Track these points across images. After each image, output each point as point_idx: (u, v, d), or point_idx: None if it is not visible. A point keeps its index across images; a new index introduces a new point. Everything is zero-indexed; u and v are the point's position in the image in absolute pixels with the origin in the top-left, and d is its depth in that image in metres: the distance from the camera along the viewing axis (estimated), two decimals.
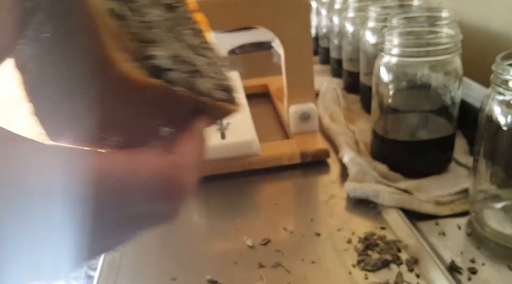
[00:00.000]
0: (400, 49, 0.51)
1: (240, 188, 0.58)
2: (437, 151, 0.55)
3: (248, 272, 0.44)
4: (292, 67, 0.64)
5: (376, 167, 0.56)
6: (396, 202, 0.50)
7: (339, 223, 0.50)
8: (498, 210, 0.46)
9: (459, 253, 0.44)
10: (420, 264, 0.43)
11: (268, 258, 0.45)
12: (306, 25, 0.61)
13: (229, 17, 0.60)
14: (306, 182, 0.59)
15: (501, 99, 0.41)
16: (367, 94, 0.72)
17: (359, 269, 0.43)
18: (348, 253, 0.45)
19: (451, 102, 0.52)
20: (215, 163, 0.60)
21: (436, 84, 0.52)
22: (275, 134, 0.71)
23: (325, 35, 0.99)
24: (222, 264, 0.45)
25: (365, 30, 0.69)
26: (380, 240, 0.46)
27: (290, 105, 0.66)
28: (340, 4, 0.86)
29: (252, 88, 0.87)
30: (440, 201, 0.50)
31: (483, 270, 0.41)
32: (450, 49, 0.50)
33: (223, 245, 0.48)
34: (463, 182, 0.53)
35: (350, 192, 0.53)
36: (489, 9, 0.68)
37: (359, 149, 0.62)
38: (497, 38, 0.67)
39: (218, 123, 0.61)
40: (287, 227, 0.50)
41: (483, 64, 0.68)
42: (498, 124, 0.42)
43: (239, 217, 0.52)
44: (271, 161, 0.61)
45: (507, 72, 0.40)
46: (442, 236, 0.46)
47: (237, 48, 1.32)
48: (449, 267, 0.42)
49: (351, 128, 0.68)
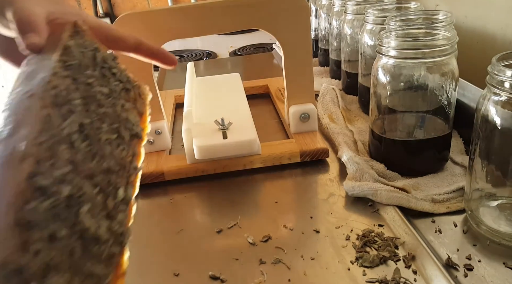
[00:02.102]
0: (397, 51, 0.51)
1: (241, 186, 0.59)
2: (433, 150, 0.55)
3: (249, 268, 0.44)
4: (292, 68, 0.64)
5: (374, 165, 0.56)
6: (393, 200, 0.50)
7: (338, 220, 0.50)
8: (494, 208, 0.47)
9: (455, 250, 0.44)
10: (417, 260, 0.43)
11: (269, 254, 0.46)
12: (306, 28, 0.62)
13: (231, 20, 0.60)
14: (306, 180, 0.59)
15: (496, 99, 0.42)
16: (365, 95, 0.73)
17: (357, 265, 0.43)
18: (346, 249, 0.45)
19: (447, 103, 0.53)
20: (217, 161, 0.61)
21: (433, 85, 0.52)
22: (275, 134, 0.72)
23: (324, 37, 1.00)
24: (224, 260, 0.46)
25: (363, 32, 0.70)
26: (378, 237, 0.46)
27: (290, 106, 0.66)
28: (339, 7, 0.86)
29: (253, 89, 0.88)
30: (437, 199, 0.51)
31: (479, 267, 0.42)
32: (447, 51, 0.50)
33: (224, 242, 0.49)
34: (459, 180, 0.53)
35: (349, 190, 0.53)
36: (485, 11, 0.69)
37: (358, 148, 0.63)
38: (493, 40, 0.67)
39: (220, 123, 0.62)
40: (287, 224, 0.50)
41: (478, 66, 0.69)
42: (494, 124, 0.42)
43: (240, 215, 0.53)
44: (272, 160, 0.61)
45: (502, 73, 0.40)
46: (438, 233, 0.46)
47: (238, 50, 1.33)
48: (445, 264, 0.42)
49: (349, 128, 0.68)
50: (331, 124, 0.69)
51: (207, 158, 0.60)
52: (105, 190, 0.27)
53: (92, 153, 0.27)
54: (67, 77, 0.29)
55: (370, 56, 0.69)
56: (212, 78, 0.88)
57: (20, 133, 0.24)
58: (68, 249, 0.23)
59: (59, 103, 0.27)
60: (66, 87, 0.28)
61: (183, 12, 0.59)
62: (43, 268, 0.21)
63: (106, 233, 0.26)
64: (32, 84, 0.28)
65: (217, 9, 0.59)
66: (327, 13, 0.96)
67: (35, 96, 0.26)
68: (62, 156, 0.25)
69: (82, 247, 0.24)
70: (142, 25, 0.58)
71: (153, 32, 0.58)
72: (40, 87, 0.27)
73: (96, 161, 0.27)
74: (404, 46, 0.51)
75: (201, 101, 0.74)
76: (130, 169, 0.30)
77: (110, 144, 0.29)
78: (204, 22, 0.60)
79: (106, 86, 0.32)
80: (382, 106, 0.56)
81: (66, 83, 0.28)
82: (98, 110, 0.30)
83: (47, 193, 0.23)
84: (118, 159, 0.29)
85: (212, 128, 0.62)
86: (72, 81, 0.29)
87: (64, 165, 0.24)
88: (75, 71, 0.30)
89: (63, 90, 0.28)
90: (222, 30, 0.61)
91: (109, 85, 0.33)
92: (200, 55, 1.33)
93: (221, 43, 1.44)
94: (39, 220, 0.22)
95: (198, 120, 0.66)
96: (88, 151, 0.27)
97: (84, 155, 0.26)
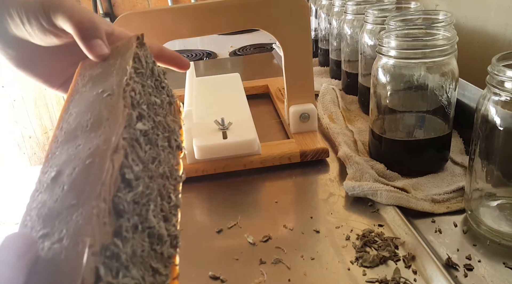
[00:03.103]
0: (397, 51, 0.51)
1: (242, 186, 0.59)
2: (433, 150, 0.55)
3: (249, 268, 0.44)
4: (292, 68, 0.64)
5: (374, 165, 0.56)
6: (393, 200, 0.50)
7: (338, 220, 0.50)
8: (494, 208, 0.47)
9: (455, 250, 0.44)
10: (417, 260, 0.43)
11: (269, 254, 0.46)
12: (306, 28, 0.62)
13: (231, 20, 0.60)
14: (306, 180, 0.59)
15: (496, 99, 0.42)
16: (365, 95, 0.73)
17: (357, 265, 0.43)
18: (346, 249, 0.45)
19: (447, 103, 0.53)
20: (217, 161, 0.61)
21: (433, 85, 0.52)
22: (275, 134, 0.72)
23: (324, 38, 1.00)
24: (224, 260, 0.46)
25: (363, 33, 0.70)
26: (378, 237, 0.46)
27: (290, 106, 0.66)
28: (339, 7, 0.86)
29: (253, 88, 0.88)
30: (437, 199, 0.51)
31: (479, 267, 0.42)
32: (447, 51, 0.50)
33: (224, 242, 0.49)
34: (459, 180, 0.53)
35: (349, 190, 0.53)
36: (485, 11, 0.69)
37: (358, 148, 0.63)
38: (493, 40, 0.67)
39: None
40: (287, 224, 0.50)
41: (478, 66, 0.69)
42: (494, 124, 0.42)
43: (240, 215, 0.53)
44: (272, 160, 0.61)
45: (502, 73, 0.40)
46: (438, 233, 0.47)
47: (238, 50, 1.33)
48: (445, 264, 0.42)
49: (349, 128, 0.68)
50: (331, 124, 0.69)
51: (207, 157, 0.60)
52: (162, 193, 0.28)
53: (152, 156, 0.29)
54: (138, 83, 0.31)
55: (370, 56, 0.69)
56: (212, 78, 0.88)
57: (106, 127, 0.26)
58: (141, 244, 0.24)
59: (135, 105, 0.29)
60: (139, 92, 0.30)
61: (183, 12, 0.59)
62: (129, 258, 0.22)
63: (165, 234, 0.27)
64: (106, 85, 0.30)
65: (217, 9, 0.59)
66: (327, 13, 0.96)
67: (116, 96, 0.28)
68: (138, 154, 0.26)
69: (149, 244, 0.25)
70: (142, 25, 0.58)
71: (153, 32, 0.58)
72: (119, 89, 0.28)
73: (155, 165, 0.29)
74: (404, 46, 0.51)
75: (201, 101, 0.75)
76: (177, 177, 0.32)
77: (164, 151, 0.31)
78: (204, 22, 0.60)
79: (159, 98, 0.34)
80: (382, 106, 0.56)
81: (138, 88, 0.30)
82: (155, 118, 0.31)
83: (131, 185, 0.24)
84: (170, 165, 0.31)
85: (212, 128, 0.62)
86: (141, 88, 0.31)
87: (139, 162, 0.26)
88: (142, 79, 0.32)
89: (137, 94, 0.29)
90: (222, 30, 0.61)
91: (161, 97, 0.34)
92: (200, 55, 1.33)
93: (221, 43, 1.44)
94: (127, 210, 0.23)
95: (198, 120, 0.66)
96: (150, 154, 0.28)
97: (148, 157, 0.28)
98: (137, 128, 0.27)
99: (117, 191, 0.23)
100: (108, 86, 0.29)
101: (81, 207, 0.21)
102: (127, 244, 0.22)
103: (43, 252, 0.20)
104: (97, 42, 0.34)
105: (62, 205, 0.22)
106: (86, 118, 0.28)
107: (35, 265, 0.20)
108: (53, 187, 0.24)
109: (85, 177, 0.23)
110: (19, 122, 1.99)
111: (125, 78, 0.29)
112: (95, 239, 0.20)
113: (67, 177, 0.24)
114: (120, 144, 0.24)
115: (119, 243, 0.21)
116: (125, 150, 0.25)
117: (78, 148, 0.26)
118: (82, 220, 0.20)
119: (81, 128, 0.27)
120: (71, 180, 0.23)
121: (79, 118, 0.28)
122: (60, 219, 0.21)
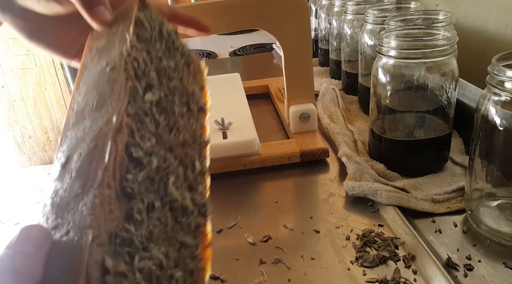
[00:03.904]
0: (397, 51, 0.51)
1: (241, 186, 0.59)
2: (433, 150, 0.55)
3: (249, 268, 0.44)
4: (292, 68, 0.64)
5: (374, 165, 0.56)
6: (393, 200, 0.50)
7: (338, 220, 0.50)
8: (494, 208, 0.47)
9: (455, 250, 0.44)
10: (417, 260, 0.43)
11: (269, 254, 0.46)
12: (306, 28, 0.62)
13: (231, 20, 0.60)
14: (306, 180, 0.59)
15: (496, 99, 0.42)
16: (365, 95, 0.73)
17: (357, 265, 0.43)
18: (346, 249, 0.45)
19: (447, 103, 0.53)
20: (217, 161, 0.61)
21: (433, 85, 0.52)
22: (275, 134, 0.72)
23: (324, 37, 1.00)
24: (224, 260, 0.46)
25: (363, 33, 0.70)
26: (378, 237, 0.46)
27: (290, 106, 0.66)
28: (339, 7, 0.86)
29: (253, 88, 0.88)
30: (437, 199, 0.51)
31: (479, 267, 0.42)
32: (447, 51, 0.50)
33: (224, 242, 0.49)
34: (459, 180, 0.53)
35: (349, 190, 0.53)
36: (485, 11, 0.69)
37: (358, 148, 0.63)
38: (493, 40, 0.67)
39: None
40: (287, 224, 0.50)
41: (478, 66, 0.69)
42: (494, 124, 0.42)
43: (240, 215, 0.53)
44: (272, 160, 0.61)
45: (502, 73, 0.40)
46: (438, 233, 0.47)
47: (238, 50, 1.33)
48: (445, 264, 0.42)
49: (349, 128, 0.68)
50: (331, 124, 0.69)
51: None
52: (184, 162, 0.27)
53: (170, 126, 0.27)
54: (142, 50, 0.29)
55: (370, 56, 0.69)
56: (212, 78, 0.88)
57: (108, 105, 0.24)
58: (162, 221, 0.23)
59: (140, 76, 0.27)
60: (143, 60, 0.28)
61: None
62: (145, 240, 0.21)
63: (191, 204, 0.26)
64: (110, 57, 0.28)
65: (217, 9, 0.59)
66: (327, 13, 0.96)
67: (118, 69, 0.26)
68: (148, 128, 0.25)
69: (173, 218, 0.24)
70: None
71: None
72: (120, 60, 0.27)
73: (173, 134, 0.27)
74: (404, 46, 0.51)
75: None
76: (201, 142, 0.30)
77: (182, 117, 0.29)
78: None
79: (173, 60, 0.32)
80: (382, 106, 0.56)
81: (143, 56, 0.28)
82: (169, 84, 0.29)
83: (141, 163, 0.23)
84: (191, 132, 0.30)
85: (212, 128, 0.62)
86: (147, 55, 0.29)
87: (150, 137, 0.25)
88: (148, 45, 0.30)
89: (142, 63, 0.28)
90: (222, 30, 0.61)
91: (175, 59, 0.32)
92: (200, 55, 1.33)
93: (221, 43, 1.44)
94: (138, 191, 0.22)
95: None
96: (166, 124, 0.27)
97: (163, 128, 0.27)
98: (146, 100, 0.26)
99: (126, 173, 0.22)
100: (111, 59, 0.28)
101: (85, 196, 0.20)
102: (141, 226, 0.21)
103: (54, 246, 0.20)
104: (99, 9, 0.32)
105: (70, 194, 0.21)
106: (92, 97, 0.26)
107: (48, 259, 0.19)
108: (64, 174, 0.23)
109: (89, 163, 0.22)
110: (19, 122, 1.99)
111: (125, 47, 0.27)
112: (99, 229, 0.19)
113: (75, 163, 0.23)
114: (123, 122, 0.23)
115: (130, 227, 0.21)
116: (129, 127, 0.23)
117: (85, 131, 0.24)
118: (86, 210, 0.20)
119: (88, 108, 0.26)
120: (77, 167, 0.22)
121: (87, 97, 0.27)
122: (69, 209, 0.21)
